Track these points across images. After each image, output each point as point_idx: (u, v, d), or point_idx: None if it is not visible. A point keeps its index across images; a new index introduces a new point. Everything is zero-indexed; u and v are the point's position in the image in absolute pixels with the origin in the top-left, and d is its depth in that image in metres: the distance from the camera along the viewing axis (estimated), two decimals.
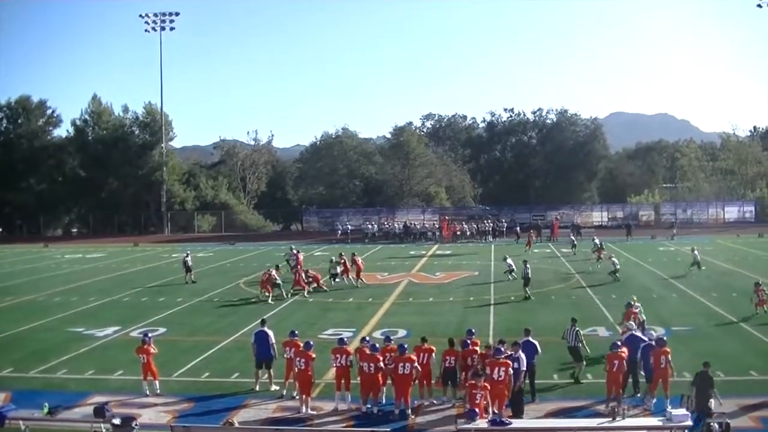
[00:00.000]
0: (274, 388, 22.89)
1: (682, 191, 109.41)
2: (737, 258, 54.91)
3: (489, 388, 18.79)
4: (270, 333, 23.57)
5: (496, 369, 19.49)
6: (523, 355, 20.40)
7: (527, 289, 39.28)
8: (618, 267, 44.91)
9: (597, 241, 55.89)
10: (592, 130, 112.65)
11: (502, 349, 20.56)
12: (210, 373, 24.96)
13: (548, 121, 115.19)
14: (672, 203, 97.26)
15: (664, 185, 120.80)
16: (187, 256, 47.72)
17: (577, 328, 23.63)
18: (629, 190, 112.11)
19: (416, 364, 20.77)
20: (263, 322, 24.46)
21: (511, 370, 19.61)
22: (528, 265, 40.68)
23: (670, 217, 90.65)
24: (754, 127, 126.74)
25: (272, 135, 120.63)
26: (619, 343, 21.22)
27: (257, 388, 22.92)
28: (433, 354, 21.56)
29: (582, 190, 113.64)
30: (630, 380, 21.44)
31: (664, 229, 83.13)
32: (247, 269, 49.52)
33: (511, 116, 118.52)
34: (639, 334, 22.44)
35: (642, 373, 21.07)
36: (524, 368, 20.25)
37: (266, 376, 23.18)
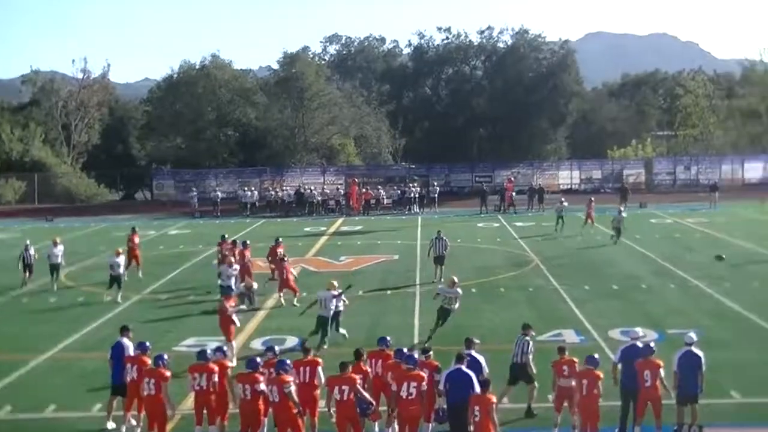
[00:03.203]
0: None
1: (684, 142, 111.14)
2: (762, 233, 56.15)
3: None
4: (129, 345, 23.17)
5: (405, 384, 19.54)
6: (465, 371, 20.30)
7: (441, 267, 41.16)
8: None
9: None
10: (561, 58, 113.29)
11: (416, 356, 20.66)
12: (13, 408, 24.54)
13: (500, 45, 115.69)
14: (670, 159, 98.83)
15: (659, 133, 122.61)
16: (27, 249, 45.53)
17: (528, 338, 23.53)
18: (610, 141, 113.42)
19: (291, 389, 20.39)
20: (124, 330, 23.85)
21: (425, 385, 19.66)
22: (443, 236, 42.27)
23: (666, 178, 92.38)
24: None
25: (108, 65, 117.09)
26: (596, 356, 21.28)
27: (109, 426, 22.63)
28: (320, 368, 21.42)
29: (545, 140, 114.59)
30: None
31: (658, 194, 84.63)
32: (71, 256, 48.67)
33: (447, 39, 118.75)
34: (640, 344, 22.06)
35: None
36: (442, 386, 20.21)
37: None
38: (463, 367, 20.23)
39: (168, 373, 21.06)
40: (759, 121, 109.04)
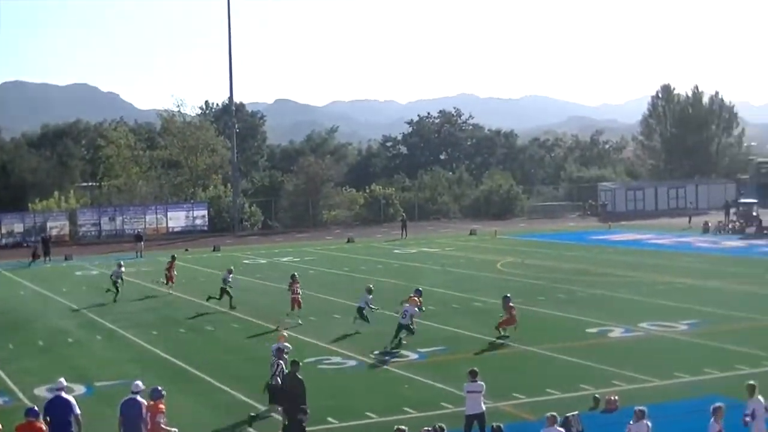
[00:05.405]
0: None
1: (108, 192, 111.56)
2: (185, 280, 58.03)
3: None
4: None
5: None
6: None
7: None
8: None
9: None
10: None
11: None
12: None
13: None
14: (95, 210, 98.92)
15: (84, 184, 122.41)
16: None
17: None
18: (32, 193, 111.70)
19: None
20: None
21: None
22: None
23: (91, 229, 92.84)
24: (206, 103, 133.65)
25: None
26: (35, 408, 20.97)
27: None
28: None
29: None
30: None
31: (83, 246, 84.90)
32: None
33: None
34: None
35: None
36: None
37: None
38: None
39: None
40: (180, 171, 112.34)
